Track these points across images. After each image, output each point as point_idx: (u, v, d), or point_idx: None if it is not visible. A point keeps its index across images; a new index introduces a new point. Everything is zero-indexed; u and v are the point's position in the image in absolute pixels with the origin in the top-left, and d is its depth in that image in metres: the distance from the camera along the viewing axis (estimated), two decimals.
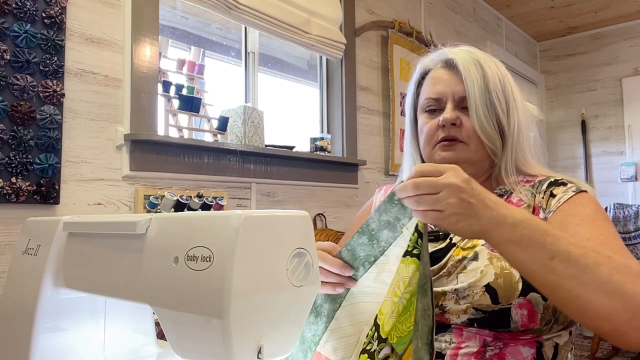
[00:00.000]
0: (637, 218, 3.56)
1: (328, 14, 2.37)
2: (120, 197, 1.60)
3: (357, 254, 0.75)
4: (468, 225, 0.63)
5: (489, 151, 0.88)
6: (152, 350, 0.85)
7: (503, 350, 0.76)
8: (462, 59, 0.89)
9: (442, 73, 0.92)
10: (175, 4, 1.98)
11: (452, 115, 0.87)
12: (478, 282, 0.77)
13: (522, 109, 0.91)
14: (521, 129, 0.89)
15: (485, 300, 0.76)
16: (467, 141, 0.88)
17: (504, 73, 0.91)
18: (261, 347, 0.54)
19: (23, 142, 1.37)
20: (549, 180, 0.87)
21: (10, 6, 1.36)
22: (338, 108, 2.52)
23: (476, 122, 0.86)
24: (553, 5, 3.83)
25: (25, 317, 0.73)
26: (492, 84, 0.87)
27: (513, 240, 0.63)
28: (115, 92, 1.61)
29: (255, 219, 0.53)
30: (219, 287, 0.50)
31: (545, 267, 0.62)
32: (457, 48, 0.93)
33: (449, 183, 0.62)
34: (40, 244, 0.75)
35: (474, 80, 0.87)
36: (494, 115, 0.87)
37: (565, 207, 0.80)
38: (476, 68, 0.88)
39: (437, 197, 0.62)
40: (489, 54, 0.94)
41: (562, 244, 0.62)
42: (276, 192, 2.12)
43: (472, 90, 0.86)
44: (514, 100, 0.89)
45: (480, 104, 0.86)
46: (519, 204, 0.86)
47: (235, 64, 2.24)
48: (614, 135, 4.17)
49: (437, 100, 0.90)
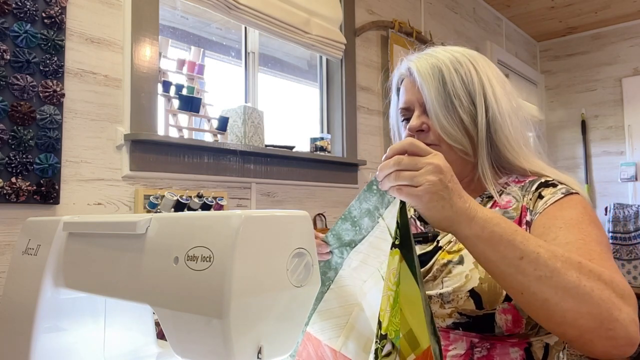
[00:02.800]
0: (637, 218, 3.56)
1: (328, 14, 2.37)
2: (120, 197, 1.60)
3: (342, 239, 0.76)
4: (440, 207, 0.62)
5: (459, 152, 0.87)
6: (152, 350, 0.85)
7: (491, 351, 0.76)
8: (418, 66, 0.89)
9: (406, 82, 0.93)
10: (175, 4, 1.98)
11: (417, 123, 0.88)
12: (462, 287, 0.77)
13: (501, 101, 0.88)
14: (498, 122, 0.87)
15: (470, 305, 0.76)
16: (437, 143, 0.87)
17: (469, 69, 0.88)
18: (261, 347, 0.54)
19: (23, 142, 1.37)
20: (540, 181, 0.85)
21: (10, 6, 1.36)
22: (338, 108, 2.52)
23: (437, 126, 0.86)
24: (553, 5, 3.83)
25: (25, 317, 0.73)
26: (449, 85, 0.86)
27: (483, 236, 0.62)
28: (115, 92, 1.61)
29: (255, 219, 0.53)
30: (219, 287, 0.50)
31: (514, 267, 0.61)
32: (420, 53, 0.93)
33: (430, 162, 0.62)
34: (40, 244, 0.75)
35: (430, 86, 0.86)
36: (456, 116, 0.86)
37: (550, 210, 0.78)
38: (433, 72, 0.87)
39: (415, 174, 0.62)
40: (463, 49, 0.93)
41: (532, 244, 0.62)
42: (276, 192, 2.12)
43: (428, 96, 0.86)
44: (483, 95, 0.87)
45: (439, 108, 0.86)
46: (508, 205, 0.84)
47: (235, 64, 2.24)
48: (614, 135, 4.17)
49: (407, 109, 0.92)
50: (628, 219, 3.61)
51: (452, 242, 0.86)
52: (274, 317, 0.55)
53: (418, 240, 0.91)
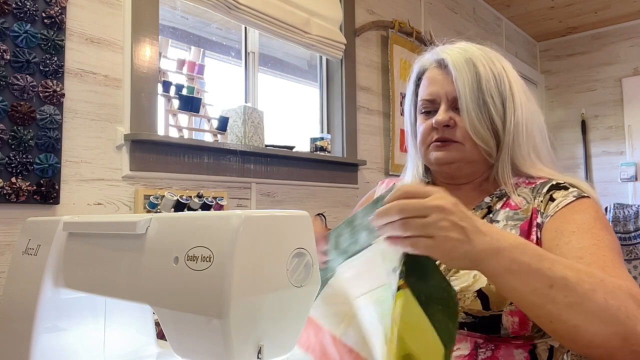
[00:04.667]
0: (637, 218, 3.57)
1: (328, 14, 2.37)
2: (120, 197, 1.60)
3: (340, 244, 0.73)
4: (464, 253, 0.57)
5: (483, 152, 0.86)
6: (152, 350, 0.85)
7: (495, 352, 0.75)
8: (453, 59, 0.86)
9: (435, 73, 0.90)
10: (175, 4, 1.98)
11: (445, 117, 0.85)
12: (470, 287, 0.76)
13: (524, 107, 0.87)
14: (520, 128, 0.86)
15: (476, 306, 0.75)
16: (462, 141, 0.85)
17: (501, 69, 0.87)
18: (261, 347, 0.54)
19: (23, 142, 1.37)
20: (551, 183, 0.84)
21: (10, 6, 1.36)
22: (338, 108, 2.52)
23: (467, 124, 0.84)
24: (553, 5, 3.83)
25: (25, 317, 0.73)
26: (484, 83, 0.84)
27: (512, 269, 0.58)
28: (115, 92, 1.61)
29: (255, 219, 0.53)
30: (219, 287, 0.50)
31: (545, 297, 0.58)
32: (452, 46, 0.90)
33: (437, 205, 0.57)
34: (40, 244, 0.75)
35: (465, 81, 0.84)
36: (487, 116, 0.84)
37: (563, 213, 0.78)
38: (468, 67, 0.85)
39: (426, 221, 0.56)
40: (488, 49, 0.91)
41: (559, 268, 0.59)
42: (276, 192, 2.12)
43: (463, 91, 0.84)
44: (512, 98, 0.86)
45: (472, 106, 0.83)
46: (517, 207, 0.84)
47: (235, 64, 2.24)
48: (614, 135, 4.17)
49: (431, 101, 0.89)
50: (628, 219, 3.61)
51: None
52: (274, 317, 0.55)
53: None
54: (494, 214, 0.86)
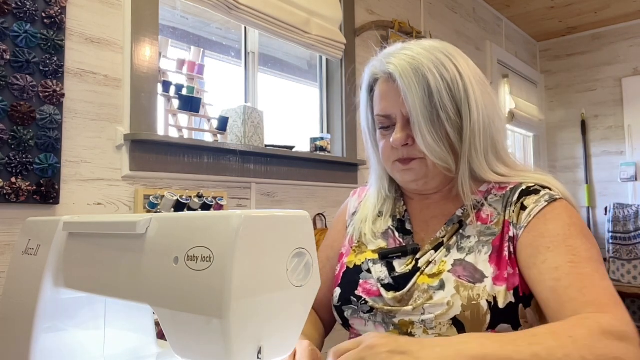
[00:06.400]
0: (637, 218, 3.57)
1: (328, 14, 2.37)
2: (120, 197, 1.60)
3: None
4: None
5: (441, 168, 0.84)
6: (152, 350, 0.85)
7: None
8: (401, 71, 0.81)
9: (385, 88, 0.86)
10: (175, 4, 1.98)
11: (402, 137, 0.83)
12: (444, 315, 0.76)
13: (479, 105, 0.83)
14: (476, 132, 0.82)
15: (453, 333, 0.74)
16: (423, 156, 0.83)
17: (454, 72, 0.82)
18: (261, 347, 0.54)
19: (23, 142, 1.37)
20: (521, 189, 0.82)
21: (10, 6, 1.36)
22: (338, 108, 2.52)
23: (423, 146, 0.81)
24: (553, 5, 3.83)
25: (25, 317, 0.73)
26: (436, 96, 0.80)
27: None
28: (115, 92, 1.61)
29: (255, 219, 0.53)
30: (219, 287, 0.50)
31: None
32: (400, 52, 0.85)
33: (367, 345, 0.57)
34: (40, 244, 0.75)
35: (415, 97, 0.80)
36: (442, 132, 0.81)
37: (535, 224, 0.77)
38: (417, 79, 0.80)
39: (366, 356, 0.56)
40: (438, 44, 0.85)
41: (524, 347, 0.57)
42: (276, 192, 2.12)
43: (414, 110, 0.80)
44: (467, 101, 0.82)
45: (425, 125, 0.80)
46: (489, 219, 0.83)
47: (235, 64, 2.24)
48: (614, 135, 4.17)
49: (387, 117, 0.86)
50: (628, 219, 3.61)
51: (431, 263, 0.83)
52: (274, 317, 0.55)
53: (397, 255, 0.87)
54: (465, 229, 0.84)
